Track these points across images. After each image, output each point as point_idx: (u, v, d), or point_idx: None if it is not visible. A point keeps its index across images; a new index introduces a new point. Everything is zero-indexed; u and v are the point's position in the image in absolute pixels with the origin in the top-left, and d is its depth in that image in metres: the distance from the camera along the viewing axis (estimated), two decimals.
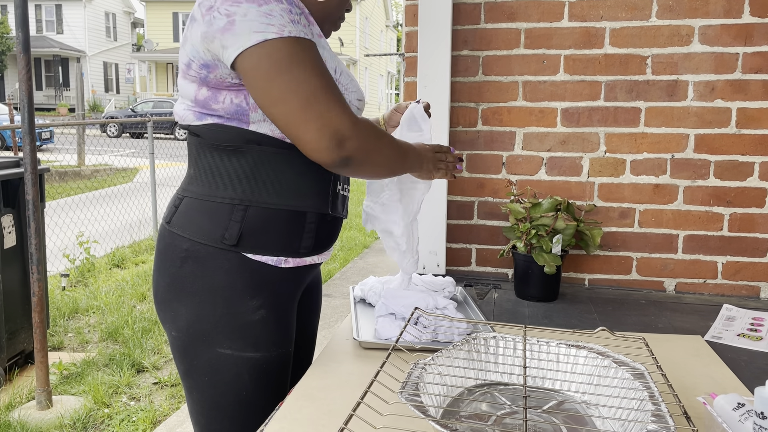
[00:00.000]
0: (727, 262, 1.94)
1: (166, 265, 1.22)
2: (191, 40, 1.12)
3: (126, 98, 30.60)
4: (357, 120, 1.08)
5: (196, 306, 1.18)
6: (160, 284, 1.23)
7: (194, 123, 1.17)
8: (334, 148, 1.05)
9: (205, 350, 1.19)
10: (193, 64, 1.12)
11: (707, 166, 1.91)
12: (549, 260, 1.74)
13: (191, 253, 1.18)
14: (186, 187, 1.22)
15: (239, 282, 1.17)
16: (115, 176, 11.10)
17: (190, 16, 1.14)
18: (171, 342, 1.25)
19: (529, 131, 2.00)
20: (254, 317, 1.19)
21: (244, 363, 1.20)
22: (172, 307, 1.21)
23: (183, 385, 1.27)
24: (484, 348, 1.15)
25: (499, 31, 1.97)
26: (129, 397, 3.25)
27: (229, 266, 1.17)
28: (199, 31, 1.09)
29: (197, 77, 1.13)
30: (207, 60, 1.10)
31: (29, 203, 2.88)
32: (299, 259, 1.22)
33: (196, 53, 1.11)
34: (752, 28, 1.84)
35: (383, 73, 37.63)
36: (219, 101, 1.14)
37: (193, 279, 1.18)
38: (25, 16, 2.73)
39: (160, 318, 1.26)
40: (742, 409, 0.94)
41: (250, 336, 1.19)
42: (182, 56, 1.16)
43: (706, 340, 1.49)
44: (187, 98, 1.18)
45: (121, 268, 5.85)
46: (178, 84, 1.21)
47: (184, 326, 1.20)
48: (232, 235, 1.16)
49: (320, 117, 1.04)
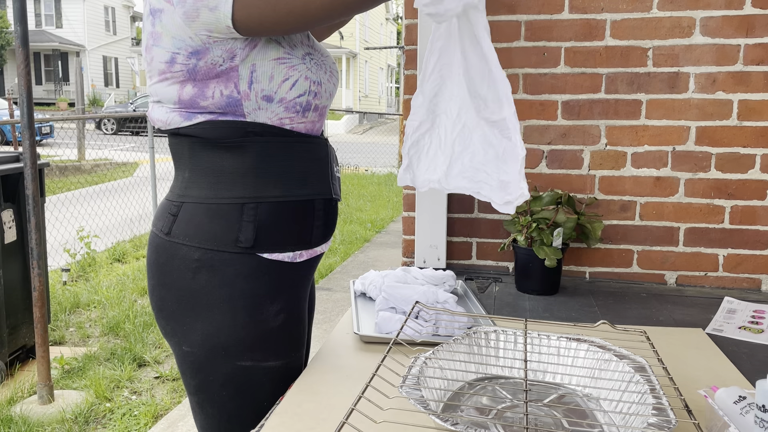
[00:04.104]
0: (728, 255, 1.94)
1: (173, 279, 1.13)
2: (168, 32, 1.04)
3: (126, 92, 30.55)
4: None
5: (214, 319, 1.11)
6: (167, 299, 1.15)
7: (183, 124, 1.10)
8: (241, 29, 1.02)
9: (224, 364, 1.13)
10: (179, 56, 1.05)
11: (708, 159, 1.91)
12: (550, 253, 1.74)
13: (204, 263, 1.10)
14: (183, 192, 1.14)
15: (260, 287, 1.12)
16: (116, 171, 11.09)
17: (149, 11, 1.07)
18: (181, 357, 1.17)
19: (529, 124, 1.99)
20: (275, 323, 1.14)
21: (266, 373, 1.15)
22: (183, 322, 1.14)
23: (191, 400, 1.20)
24: (485, 342, 1.15)
25: (499, 24, 1.96)
26: (130, 392, 3.26)
27: (248, 271, 1.11)
28: (176, 16, 1.02)
29: (183, 71, 1.06)
30: (196, 45, 1.03)
31: (29, 198, 2.88)
32: (311, 250, 1.18)
33: (181, 43, 1.04)
34: (754, 20, 1.83)
35: (383, 66, 37.55)
36: (207, 97, 1.07)
37: (209, 290, 1.11)
38: (23, 10, 2.72)
39: (165, 332, 1.18)
40: (743, 402, 0.94)
41: (271, 345, 1.15)
42: (159, 55, 1.07)
43: (707, 333, 1.49)
44: (169, 101, 1.10)
45: (121, 263, 5.86)
46: (152, 90, 1.12)
47: (199, 340, 1.13)
48: (247, 236, 1.10)
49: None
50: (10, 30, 25.71)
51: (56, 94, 28.38)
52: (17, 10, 2.71)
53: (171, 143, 1.18)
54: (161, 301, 1.16)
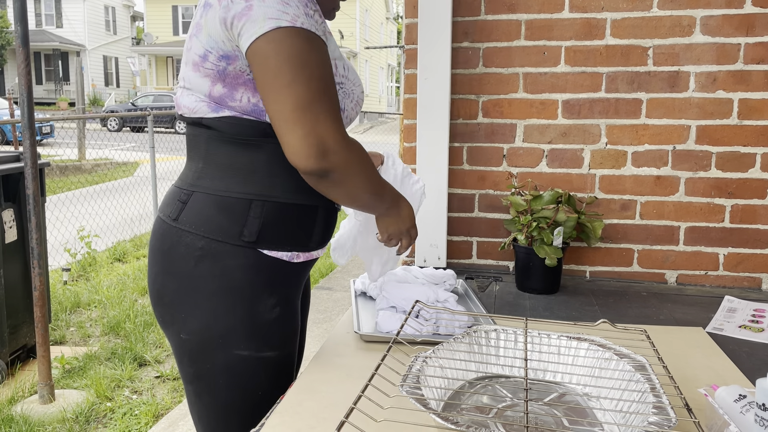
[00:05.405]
0: (728, 254, 1.94)
1: (175, 266, 1.16)
2: (208, 28, 1.06)
3: (126, 92, 30.56)
4: (347, 137, 1.05)
5: (213, 307, 1.14)
6: (168, 286, 1.17)
7: (208, 115, 1.12)
8: (316, 156, 1.00)
9: (221, 353, 1.16)
10: (210, 55, 1.07)
11: (709, 158, 1.91)
12: (550, 252, 1.74)
13: (207, 252, 1.13)
14: (194, 182, 1.16)
15: (257, 280, 1.15)
16: (116, 170, 11.10)
17: (204, 1, 1.08)
18: (178, 345, 1.19)
19: (529, 123, 1.99)
20: (271, 316, 1.17)
21: (261, 363, 1.17)
22: (182, 310, 1.16)
23: (188, 389, 1.22)
24: (485, 341, 1.15)
25: (499, 23, 1.96)
26: (131, 391, 3.26)
27: (248, 264, 1.14)
28: (217, 18, 1.04)
29: (214, 70, 1.08)
30: (227, 50, 1.05)
31: (30, 198, 2.88)
32: (308, 253, 1.21)
33: (214, 44, 1.06)
34: (754, 18, 1.83)
35: (384, 66, 37.54)
36: (236, 99, 1.09)
37: (210, 279, 1.14)
38: (24, 9, 2.72)
39: (164, 321, 1.20)
40: (743, 401, 0.94)
41: (267, 336, 1.17)
42: (196, 47, 1.09)
43: (708, 332, 1.49)
44: (201, 92, 1.12)
45: (122, 262, 5.86)
46: (185, 76, 1.14)
47: (198, 329, 1.15)
48: (251, 231, 1.13)
49: (309, 123, 0.99)
50: (11, 30, 25.72)
51: (57, 94, 28.38)
52: (17, 10, 2.71)
53: (188, 133, 1.20)
54: (163, 288, 1.19)
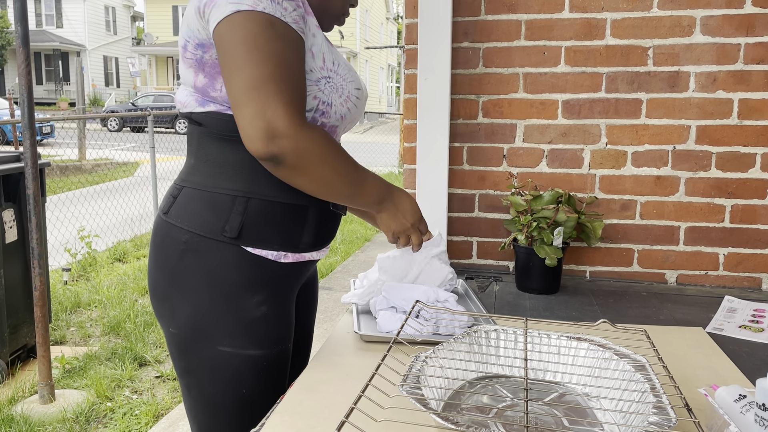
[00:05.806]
0: (728, 254, 1.94)
1: (163, 259, 1.18)
2: (187, 20, 1.10)
3: (126, 92, 30.56)
4: (300, 121, 1.01)
5: (196, 302, 1.16)
6: (159, 279, 1.20)
7: (196, 110, 1.15)
8: (264, 140, 0.98)
9: (205, 348, 1.17)
10: (189, 45, 1.10)
11: (709, 158, 1.91)
12: (550, 252, 1.74)
13: (190, 246, 1.15)
14: (185, 177, 1.19)
15: (239, 277, 1.15)
16: (116, 170, 11.10)
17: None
18: (169, 339, 1.22)
19: (529, 123, 1.99)
20: (256, 314, 1.17)
21: (245, 361, 1.18)
22: (170, 303, 1.19)
23: (180, 383, 1.25)
24: (485, 341, 1.15)
25: (499, 23, 1.96)
26: (131, 391, 3.26)
27: (230, 260, 1.14)
28: (193, 7, 1.08)
29: (193, 60, 1.11)
30: (202, 39, 1.08)
31: (30, 198, 2.88)
32: (298, 254, 1.20)
33: (191, 33, 1.09)
34: (754, 19, 1.83)
35: (384, 66, 37.54)
36: (216, 89, 1.11)
37: (192, 273, 1.15)
38: (24, 10, 2.72)
39: (158, 314, 1.23)
40: (743, 401, 0.94)
41: (251, 333, 1.17)
42: (180, 39, 1.14)
43: (708, 332, 1.49)
44: (188, 84, 1.15)
45: (122, 262, 5.86)
46: (179, 70, 1.19)
47: (184, 323, 1.17)
48: (233, 227, 1.13)
49: (258, 105, 0.98)
50: (11, 30, 25.73)
51: (57, 94, 28.40)
52: (18, 10, 2.71)
53: (187, 129, 1.22)
54: (155, 280, 1.21)
